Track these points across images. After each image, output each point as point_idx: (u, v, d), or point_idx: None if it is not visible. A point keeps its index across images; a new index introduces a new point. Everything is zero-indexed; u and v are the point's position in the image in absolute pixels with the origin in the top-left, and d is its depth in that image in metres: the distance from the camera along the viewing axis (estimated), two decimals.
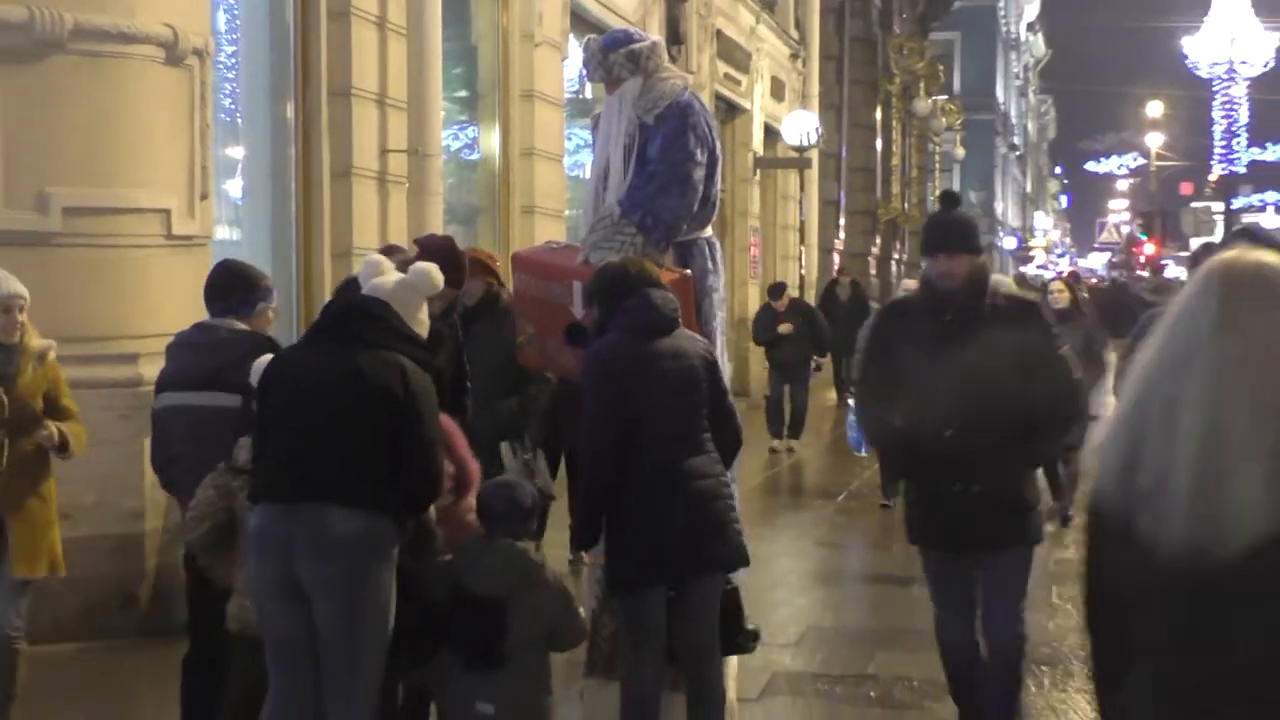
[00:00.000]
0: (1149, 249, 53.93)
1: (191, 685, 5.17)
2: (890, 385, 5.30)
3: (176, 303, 7.28)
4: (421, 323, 4.76)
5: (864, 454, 11.40)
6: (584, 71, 6.36)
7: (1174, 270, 38.44)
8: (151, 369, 7.24)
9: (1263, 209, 69.41)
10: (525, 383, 6.34)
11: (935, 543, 5.45)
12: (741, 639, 5.63)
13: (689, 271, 5.83)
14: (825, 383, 19.04)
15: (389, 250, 6.65)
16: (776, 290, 16.26)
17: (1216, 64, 47.98)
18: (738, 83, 21.13)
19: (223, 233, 9.41)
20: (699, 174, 5.84)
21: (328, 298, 6.82)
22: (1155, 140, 67.14)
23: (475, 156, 13.49)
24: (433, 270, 4.81)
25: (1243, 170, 62.28)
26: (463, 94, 13.24)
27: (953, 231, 5.37)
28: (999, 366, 5.06)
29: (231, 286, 5.21)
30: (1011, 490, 5.26)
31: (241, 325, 5.18)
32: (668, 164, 5.80)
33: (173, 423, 5.11)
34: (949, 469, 5.17)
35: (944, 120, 38.49)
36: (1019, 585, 5.39)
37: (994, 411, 5.03)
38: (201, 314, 5.57)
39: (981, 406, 5.01)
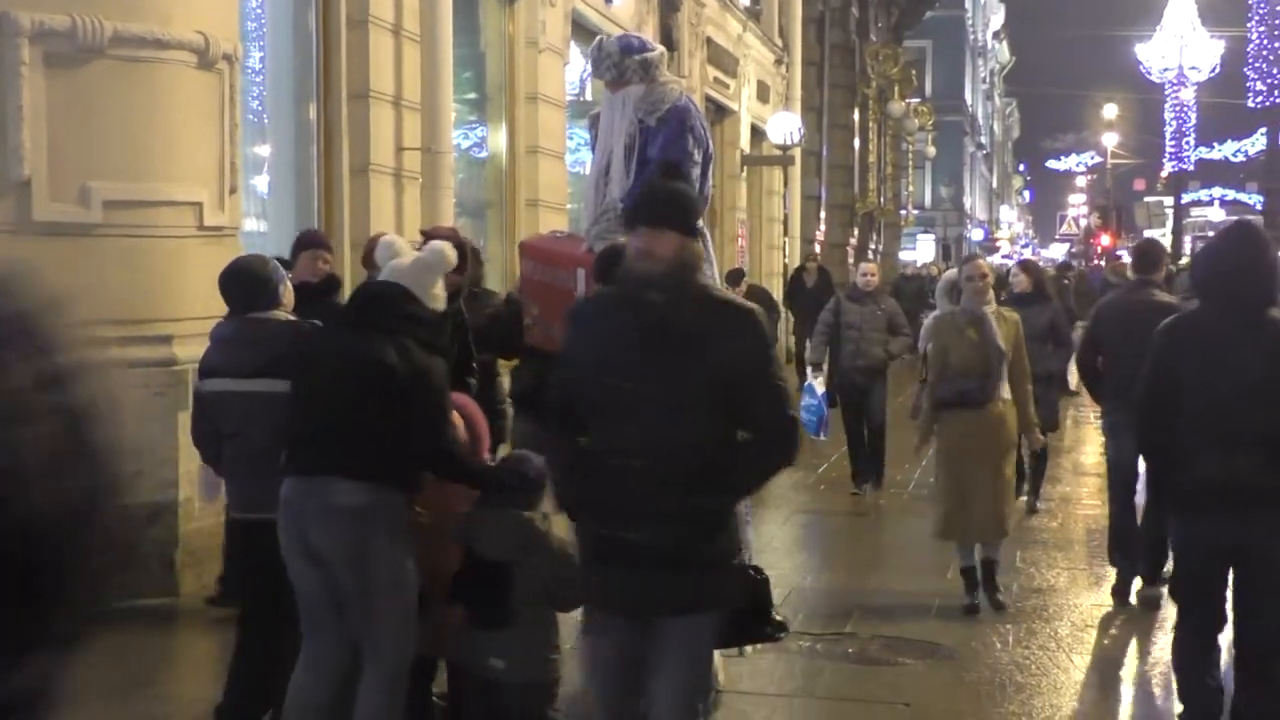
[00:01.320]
0: (1105, 240, 53.88)
1: (245, 642, 5.15)
2: (574, 398, 3.96)
3: (208, 289, 7.15)
4: (436, 298, 4.75)
5: (823, 438, 11.26)
6: (591, 68, 6.30)
7: (1127, 259, 38.48)
8: (184, 350, 7.25)
9: (1210, 203, 69.40)
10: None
11: (603, 603, 3.99)
12: (769, 629, 5.52)
13: None
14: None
15: (313, 237, 6.61)
16: (734, 277, 15.67)
17: (1167, 69, 47.79)
18: (726, 86, 21.09)
19: (250, 224, 9.40)
20: (695, 172, 5.84)
21: (347, 286, 6.81)
22: (1111, 140, 66.86)
23: (484, 154, 13.46)
24: (447, 248, 4.83)
25: (1191, 168, 62.12)
26: (472, 96, 13.20)
27: (659, 201, 3.92)
28: (695, 388, 3.75)
29: (260, 284, 5.18)
30: (694, 541, 3.79)
31: (286, 316, 5.18)
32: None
33: (225, 406, 5.10)
34: (624, 510, 3.77)
35: (916, 121, 38.46)
36: (690, 664, 3.92)
37: (683, 442, 3.73)
38: None
39: (670, 435, 3.73)
